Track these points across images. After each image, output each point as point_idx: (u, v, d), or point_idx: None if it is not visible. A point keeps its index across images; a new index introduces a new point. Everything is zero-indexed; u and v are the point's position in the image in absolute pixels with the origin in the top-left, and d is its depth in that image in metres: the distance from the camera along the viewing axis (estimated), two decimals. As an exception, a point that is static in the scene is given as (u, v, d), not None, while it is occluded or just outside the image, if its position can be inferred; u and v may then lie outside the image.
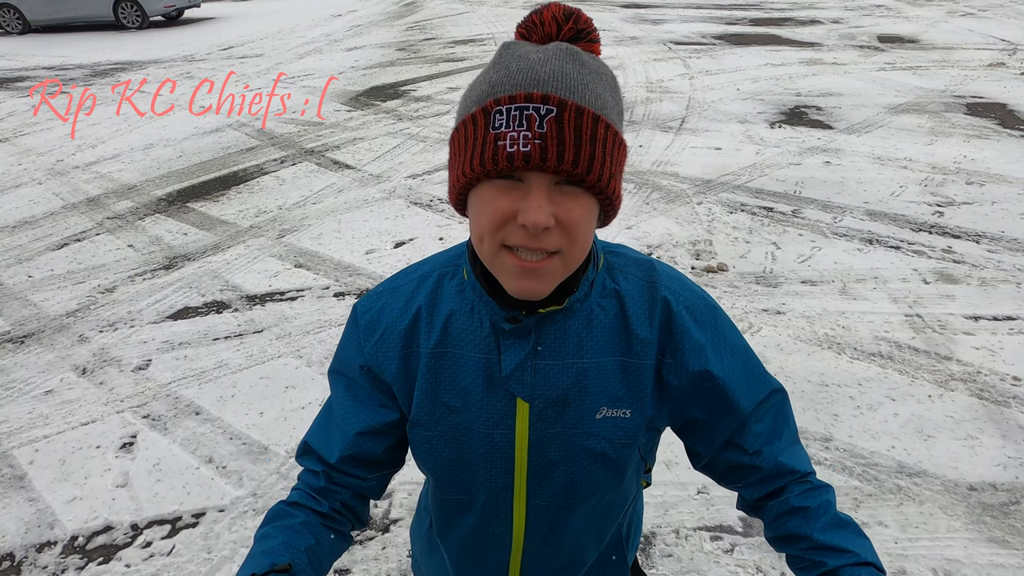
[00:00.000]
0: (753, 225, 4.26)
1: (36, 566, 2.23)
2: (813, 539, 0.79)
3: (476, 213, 0.71)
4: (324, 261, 4.10)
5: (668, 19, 11.49)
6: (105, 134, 6.93)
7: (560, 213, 0.67)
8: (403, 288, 0.87)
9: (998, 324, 3.19)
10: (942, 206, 4.42)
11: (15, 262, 4.33)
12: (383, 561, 2.18)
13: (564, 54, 0.68)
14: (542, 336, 0.80)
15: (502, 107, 0.66)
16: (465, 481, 0.86)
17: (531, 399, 0.81)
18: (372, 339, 0.86)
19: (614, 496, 0.89)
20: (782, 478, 0.85)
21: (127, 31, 13.73)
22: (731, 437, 0.85)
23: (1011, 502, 2.26)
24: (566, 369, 0.81)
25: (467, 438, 0.84)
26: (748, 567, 2.09)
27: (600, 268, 0.83)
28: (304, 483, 0.90)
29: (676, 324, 0.82)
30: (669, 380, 0.83)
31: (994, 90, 6.85)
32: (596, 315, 0.81)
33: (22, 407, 2.98)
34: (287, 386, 3.01)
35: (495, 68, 0.69)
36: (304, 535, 0.83)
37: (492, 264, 0.73)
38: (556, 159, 0.64)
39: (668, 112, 6.56)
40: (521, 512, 0.87)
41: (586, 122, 0.66)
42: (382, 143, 6.18)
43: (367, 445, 0.87)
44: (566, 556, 0.92)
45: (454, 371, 0.83)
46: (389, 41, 11.05)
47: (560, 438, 0.83)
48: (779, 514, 0.84)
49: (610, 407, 0.82)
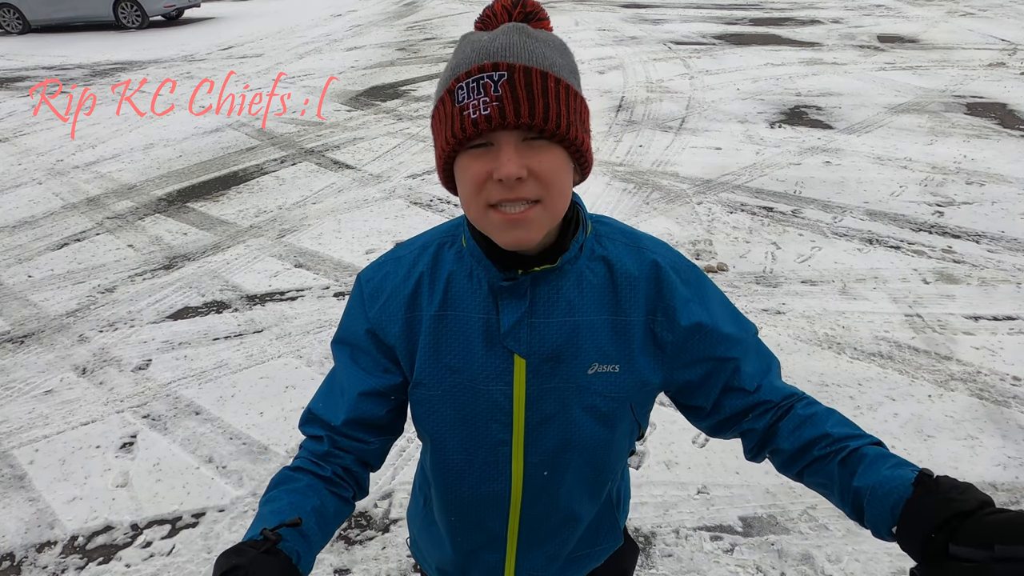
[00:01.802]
0: (753, 225, 4.26)
1: (36, 566, 2.23)
2: (831, 434, 0.83)
3: (460, 183, 0.79)
4: (324, 261, 4.10)
5: (668, 19, 11.49)
6: (105, 134, 6.93)
7: (532, 164, 0.74)
8: (405, 258, 0.93)
9: (998, 324, 3.19)
10: (942, 206, 4.42)
11: (15, 262, 4.33)
12: (383, 561, 2.18)
13: (511, 30, 0.75)
14: (536, 296, 0.86)
15: (462, 82, 0.74)
16: (465, 439, 0.91)
17: (527, 355, 0.86)
18: (377, 304, 0.91)
19: (606, 454, 0.94)
20: (787, 400, 0.90)
21: (127, 31, 13.73)
22: (728, 383, 0.91)
23: (1011, 502, 2.26)
24: (559, 327, 0.86)
25: (467, 396, 0.88)
26: (748, 567, 2.09)
27: (589, 234, 0.89)
28: (307, 450, 0.92)
29: (664, 283, 0.88)
30: (663, 337, 0.89)
31: (994, 90, 6.85)
32: (586, 276, 0.87)
33: (22, 407, 2.98)
34: (287, 386, 3.01)
35: (455, 56, 0.78)
36: (310, 497, 0.85)
37: (482, 225, 0.79)
38: (514, 115, 0.71)
39: (668, 112, 6.56)
40: (519, 469, 0.91)
41: (535, 79, 0.73)
42: (382, 143, 6.18)
43: (370, 407, 0.91)
44: (562, 515, 0.96)
45: (455, 332, 0.88)
46: (389, 41, 11.05)
47: (555, 393, 0.88)
48: (793, 429, 0.87)
49: (601, 363, 0.87)
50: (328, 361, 3.14)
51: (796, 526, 2.21)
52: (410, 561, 2.17)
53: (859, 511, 0.77)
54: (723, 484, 2.39)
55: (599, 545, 1.07)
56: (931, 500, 0.67)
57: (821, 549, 2.12)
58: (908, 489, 0.70)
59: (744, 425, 0.91)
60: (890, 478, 0.73)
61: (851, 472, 0.79)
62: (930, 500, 0.67)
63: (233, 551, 0.70)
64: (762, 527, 2.22)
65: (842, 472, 0.80)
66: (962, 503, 0.64)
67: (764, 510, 2.28)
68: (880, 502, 0.73)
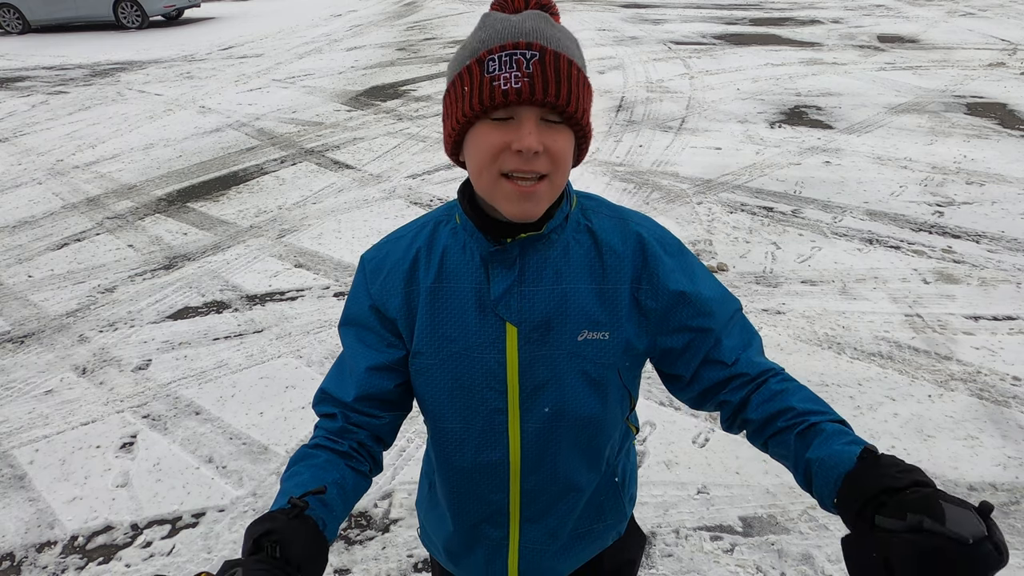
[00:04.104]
0: (753, 225, 4.26)
1: (36, 566, 2.23)
2: (794, 408, 0.86)
3: (475, 149, 0.82)
4: (324, 261, 4.10)
5: (668, 19, 11.49)
6: (105, 134, 6.93)
7: (547, 142, 0.80)
8: (403, 237, 0.98)
9: (998, 324, 3.19)
10: (942, 206, 4.42)
11: (15, 262, 4.33)
12: (383, 561, 2.18)
13: (537, 16, 0.81)
14: (525, 265, 0.90)
15: (494, 55, 0.78)
16: (462, 407, 0.94)
17: (518, 323, 0.90)
18: (378, 280, 0.96)
19: (600, 420, 0.96)
20: (763, 375, 0.93)
21: (127, 31, 13.73)
22: (708, 354, 0.94)
23: (1011, 502, 2.26)
24: (548, 295, 0.90)
25: (463, 364, 0.92)
26: (748, 567, 2.09)
27: (574, 207, 0.94)
28: (322, 428, 0.96)
29: (649, 253, 0.92)
30: (647, 304, 0.93)
31: (994, 90, 6.85)
32: (572, 247, 0.92)
33: (22, 407, 2.98)
34: (287, 386, 3.01)
35: (482, 29, 0.82)
36: (330, 470, 0.89)
37: (492, 193, 0.84)
38: (543, 93, 0.77)
39: (668, 112, 6.56)
40: (516, 436, 0.94)
41: (563, 64, 0.79)
42: (382, 143, 6.18)
43: (378, 381, 0.95)
44: (561, 484, 0.98)
45: (450, 302, 0.92)
46: (389, 41, 11.05)
47: (546, 360, 0.91)
48: (762, 401, 0.90)
49: (590, 330, 0.91)
50: (328, 361, 3.14)
51: (796, 526, 2.21)
52: (410, 561, 2.17)
53: (809, 482, 0.80)
54: (723, 484, 2.39)
55: (603, 521, 1.08)
56: (868, 474, 0.70)
57: (821, 549, 2.12)
58: (852, 463, 0.74)
59: (721, 396, 0.94)
60: (839, 452, 0.77)
61: (807, 444, 0.82)
62: (867, 474, 0.70)
63: (264, 518, 0.74)
64: (762, 527, 2.22)
65: (798, 444, 0.83)
66: (893, 479, 0.67)
67: (764, 510, 2.28)
68: (826, 474, 0.76)
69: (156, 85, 8.92)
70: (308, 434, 2.70)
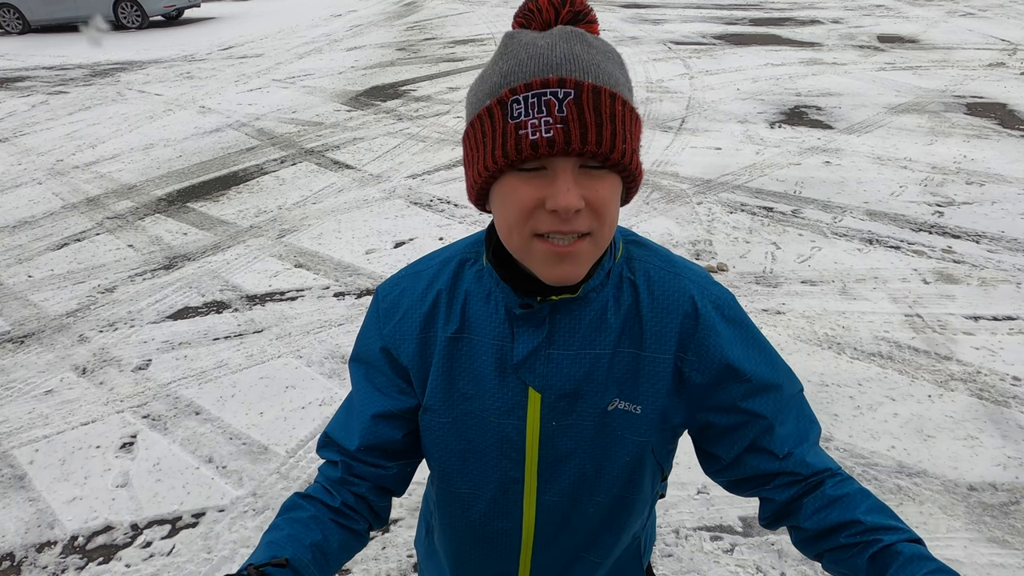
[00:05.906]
0: (753, 225, 4.26)
1: (36, 566, 2.23)
2: (862, 522, 0.75)
3: (502, 206, 0.70)
4: (324, 261, 4.10)
5: (668, 19, 11.49)
6: (105, 134, 6.93)
7: (588, 194, 0.67)
8: (424, 273, 0.87)
9: (998, 324, 3.19)
10: (942, 206, 4.42)
11: (15, 262, 4.33)
12: (383, 561, 2.18)
13: (571, 36, 0.67)
14: (556, 325, 0.79)
15: (519, 96, 0.65)
16: (474, 472, 0.85)
17: (543, 389, 0.80)
18: (392, 321, 0.86)
19: (628, 497, 0.86)
20: (818, 475, 0.81)
21: (127, 31, 13.73)
22: (756, 440, 0.81)
23: (1011, 502, 2.26)
24: (578, 359, 0.79)
25: (478, 427, 0.83)
26: (748, 567, 2.09)
27: (619, 258, 0.82)
28: (322, 475, 0.89)
29: (702, 318, 0.79)
30: (691, 378, 0.80)
31: (994, 90, 6.85)
32: (611, 306, 0.79)
33: (22, 407, 2.98)
34: (287, 386, 3.01)
35: (504, 58, 0.68)
36: (312, 530, 0.81)
37: (525, 255, 0.72)
38: (580, 141, 0.64)
39: (668, 112, 6.56)
40: (532, 507, 0.85)
41: (604, 101, 0.65)
42: (382, 143, 6.18)
43: (385, 430, 0.86)
44: (578, 558, 0.90)
45: (469, 357, 0.82)
46: (389, 41, 11.05)
47: (572, 430, 0.81)
48: (818, 508, 0.79)
49: (622, 400, 0.80)
50: (328, 361, 3.14)
51: (796, 526, 2.21)
52: (411, 561, 2.17)
53: None
54: (723, 484, 2.39)
55: None
56: None
57: (821, 549, 2.12)
58: None
59: (764, 492, 0.84)
60: None
61: (881, 570, 0.71)
62: None
63: None
64: (762, 527, 2.22)
65: (871, 569, 0.73)
66: None
67: (764, 510, 2.28)
68: None
69: (156, 85, 8.92)
70: (308, 434, 2.71)
